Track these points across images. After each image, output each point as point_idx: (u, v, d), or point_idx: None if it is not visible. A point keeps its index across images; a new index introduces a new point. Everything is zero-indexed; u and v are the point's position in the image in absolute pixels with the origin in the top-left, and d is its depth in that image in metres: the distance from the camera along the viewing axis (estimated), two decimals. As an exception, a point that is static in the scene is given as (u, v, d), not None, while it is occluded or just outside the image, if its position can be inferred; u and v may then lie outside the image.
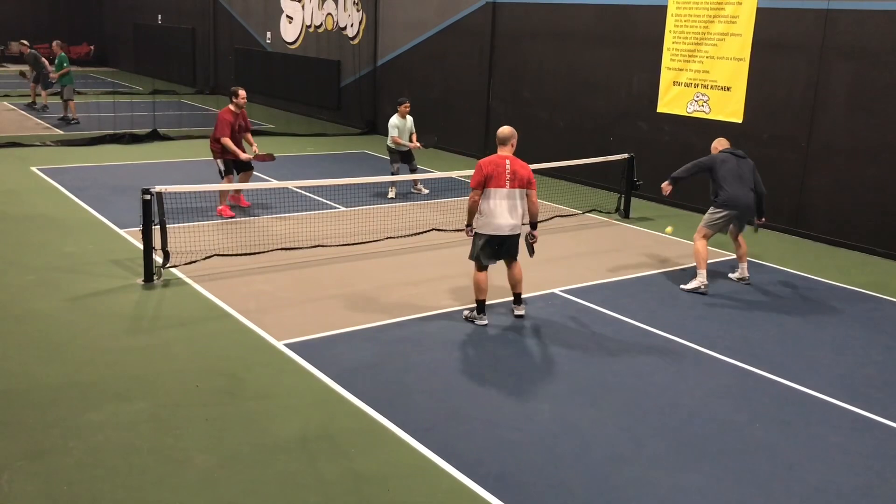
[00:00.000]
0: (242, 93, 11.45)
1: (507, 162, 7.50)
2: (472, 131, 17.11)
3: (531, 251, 7.95)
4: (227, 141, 11.18)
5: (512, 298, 8.03)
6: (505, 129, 7.63)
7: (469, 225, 7.74)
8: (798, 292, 9.28)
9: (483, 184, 7.44)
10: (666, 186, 9.51)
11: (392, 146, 13.11)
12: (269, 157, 11.82)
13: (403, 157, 13.27)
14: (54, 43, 20.69)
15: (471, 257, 7.72)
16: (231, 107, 11.36)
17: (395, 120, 13.13)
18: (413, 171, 13.20)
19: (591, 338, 7.57)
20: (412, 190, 13.48)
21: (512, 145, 7.63)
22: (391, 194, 13.01)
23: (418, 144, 13.18)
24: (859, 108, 11.01)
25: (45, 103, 20.72)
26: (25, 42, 21.73)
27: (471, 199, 7.54)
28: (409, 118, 13.29)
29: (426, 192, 13.44)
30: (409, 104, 13.23)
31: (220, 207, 11.26)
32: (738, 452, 5.63)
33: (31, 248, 9.42)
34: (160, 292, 8.20)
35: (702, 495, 5.10)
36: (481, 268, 7.67)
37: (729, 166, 9.03)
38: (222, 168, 11.37)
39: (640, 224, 12.08)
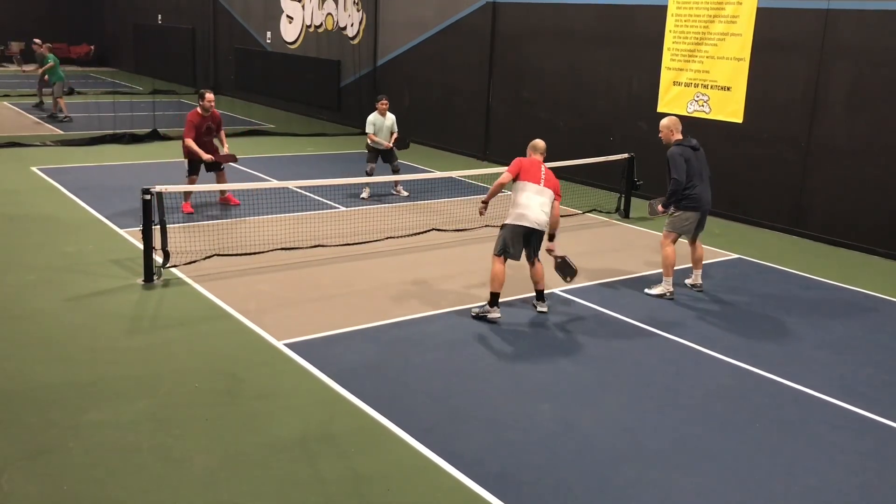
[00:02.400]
0: (209, 95, 11.33)
1: (543, 166, 7.96)
2: (472, 131, 17.11)
3: (568, 272, 8.32)
4: (189, 142, 11.13)
5: (534, 295, 8.17)
6: (542, 143, 8.22)
7: (486, 202, 8.08)
8: (798, 292, 9.28)
9: (517, 174, 7.80)
10: (662, 210, 8.86)
11: (369, 143, 12.79)
12: (232, 158, 11.72)
13: (382, 157, 12.84)
14: (44, 45, 20.75)
15: (497, 252, 7.77)
16: (199, 109, 11.30)
17: (372, 117, 12.75)
18: (395, 171, 12.72)
19: (591, 338, 7.57)
20: (392, 191, 13.12)
21: (543, 157, 8.19)
22: (364, 195, 12.68)
23: (389, 145, 12.71)
24: (859, 108, 11.01)
25: (61, 107, 20.59)
26: (38, 41, 21.74)
27: (501, 178, 7.84)
28: (391, 116, 12.84)
29: (405, 194, 13.01)
30: (386, 101, 12.75)
31: (183, 203, 11.29)
32: (738, 452, 5.63)
33: (31, 248, 9.42)
34: (160, 292, 8.20)
35: (702, 495, 5.10)
36: (504, 260, 7.78)
37: (692, 164, 8.50)
38: (187, 168, 11.42)
39: (640, 224, 12.08)
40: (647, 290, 8.81)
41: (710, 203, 8.74)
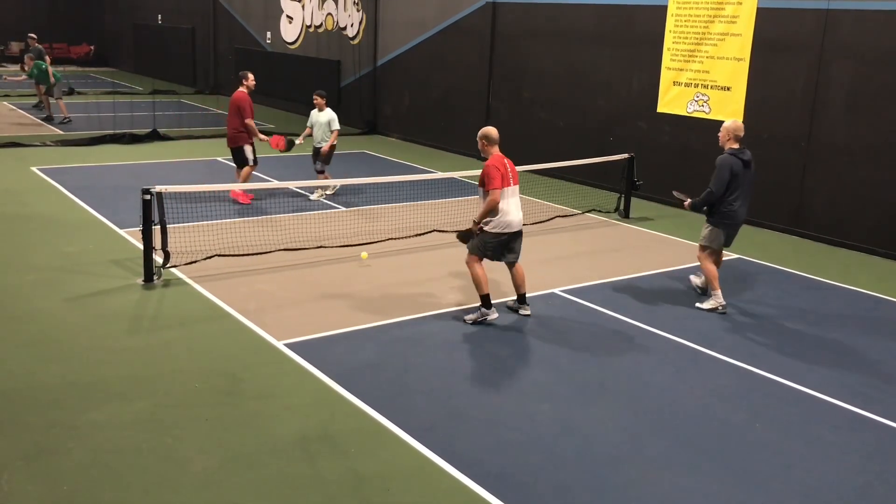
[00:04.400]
0: (252, 76, 12.14)
1: (506, 161, 7.65)
2: (472, 131, 17.01)
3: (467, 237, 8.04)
4: (251, 122, 11.80)
5: (515, 298, 8.06)
6: (494, 130, 7.78)
7: (480, 222, 7.61)
8: (798, 292, 9.28)
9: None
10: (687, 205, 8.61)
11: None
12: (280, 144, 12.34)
13: (313, 155, 12.67)
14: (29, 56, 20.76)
15: (475, 251, 7.64)
16: (243, 89, 11.95)
17: (312, 112, 12.68)
18: (318, 172, 12.51)
19: (591, 338, 7.57)
20: (308, 194, 12.71)
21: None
22: (314, 196, 12.53)
23: (324, 149, 12.42)
24: (859, 108, 11.01)
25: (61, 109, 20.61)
26: (33, 35, 21.75)
27: (494, 199, 7.42)
28: (328, 113, 12.53)
29: (312, 198, 12.49)
30: (319, 97, 12.57)
31: (241, 193, 11.95)
32: (738, 452, 5.63)
33: (31, 248, 9.42)
34: (160, 292, 8.20)
35: (702, 495, 5.10)
36: (481, 260, 7.67)
37: (739, 178, 8.20)
38: (250, 156, 12.00)
39: (640, 224, 12.08)
40: (697, 305, 8.47)
41: (745, 217, 8.44)
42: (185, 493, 4.84)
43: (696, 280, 9.05)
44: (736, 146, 8.37)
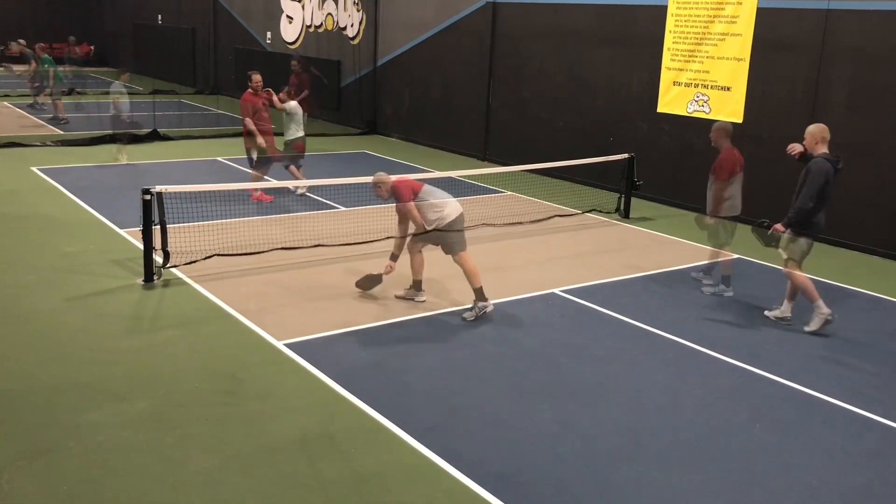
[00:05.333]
0: (256, 76, 12.18)
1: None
2: (472, 131, 17.10)
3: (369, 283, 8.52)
4: (249, 121, 11.89)
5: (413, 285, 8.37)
6: (382, 173, 8.20)
7: (412, 234, 8.12)
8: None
9: (413, 192, 7.92)
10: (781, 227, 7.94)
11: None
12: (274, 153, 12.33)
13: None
14: (37, 46, 20.78)
15: (459, 250, 7.93)
16: (249, 90, 12.10)
17: None
18: (296, 168, 12.83)
19: (591, 338, 7.57)
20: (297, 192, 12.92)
21: None
22: (300, 191, 12.79)
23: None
24: (859, 108, 11.01)
25: (43, 103, 20.74)
26: (22, 41, 21.79)
27: (413, 213, 7.90)
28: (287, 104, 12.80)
29: (297, 193, 12.81)
30: (281, 91, 12.93)
31: (256, 195, 12.11)
32: (738, 452, 5.63)
33: (31, 248, 9.42)
34: (160, 292, 8.20)
35: (702, 495, 5.10)
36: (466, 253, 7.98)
37: (829, 186, 7.73)
38: (253, 157, 12.14)
39: (640, 224, 12.08)
40: (806, 328, 7.90)
41: (825, 227, 8.05)
42: (185, 493, 4.84)
43: (774, 313, 8.29)
44: (825, 149, 7.86)
